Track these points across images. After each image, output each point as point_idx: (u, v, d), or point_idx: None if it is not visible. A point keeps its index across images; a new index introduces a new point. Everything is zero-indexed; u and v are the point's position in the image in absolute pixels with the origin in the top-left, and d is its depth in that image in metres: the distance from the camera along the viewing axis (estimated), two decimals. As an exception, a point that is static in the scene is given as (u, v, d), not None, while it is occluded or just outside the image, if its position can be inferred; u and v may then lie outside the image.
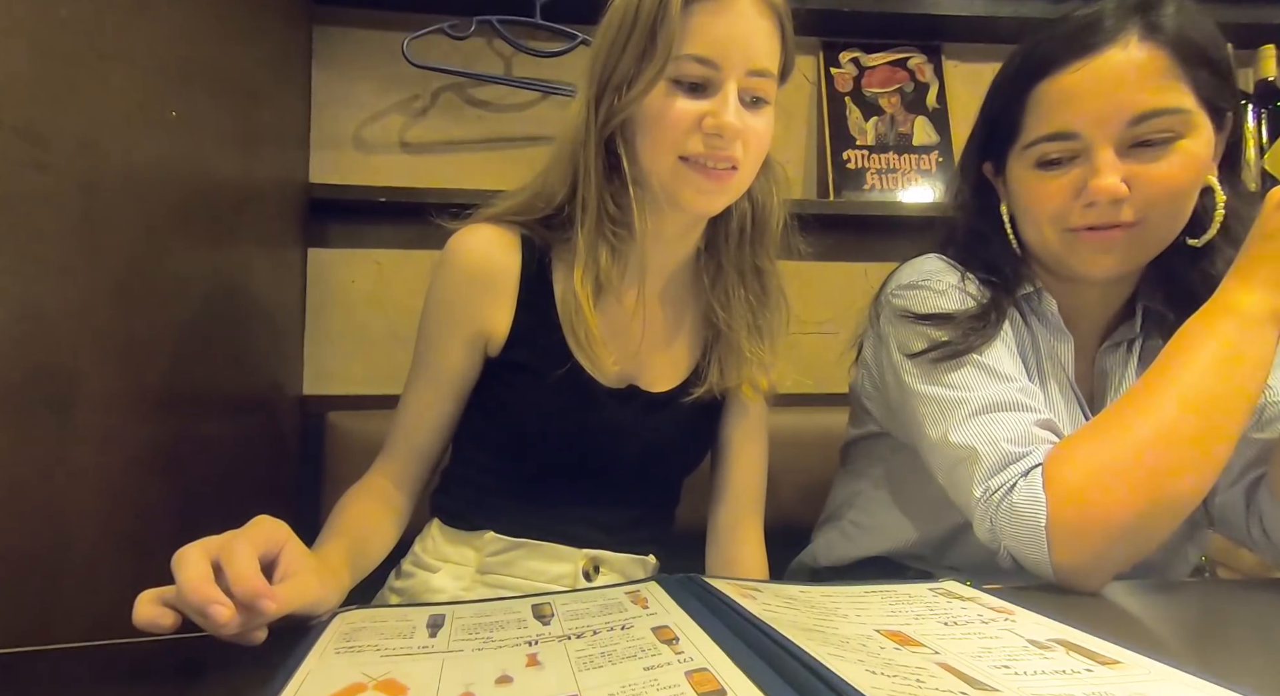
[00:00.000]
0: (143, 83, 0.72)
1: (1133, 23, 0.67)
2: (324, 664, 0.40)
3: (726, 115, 0.66)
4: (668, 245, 0.76)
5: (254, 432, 1.03)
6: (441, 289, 0.75)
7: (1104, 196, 0.67)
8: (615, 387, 0.76)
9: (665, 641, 0.41)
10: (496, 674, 0.39)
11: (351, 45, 1.28)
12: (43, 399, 0.59)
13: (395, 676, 0.38)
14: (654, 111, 0.67)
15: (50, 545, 0.60)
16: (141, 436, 0.72)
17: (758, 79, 0.67)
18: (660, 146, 0.68)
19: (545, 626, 0.46)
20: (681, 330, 0.81)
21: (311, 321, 1.26)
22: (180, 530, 0.78)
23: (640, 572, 0.81)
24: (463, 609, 0.50)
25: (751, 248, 0.78)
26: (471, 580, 0.76)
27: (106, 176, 0.67)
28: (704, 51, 0.65)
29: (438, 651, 0.42)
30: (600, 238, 0.71)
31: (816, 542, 0.95)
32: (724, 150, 0.67)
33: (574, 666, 0.39)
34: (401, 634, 0.45)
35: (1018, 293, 0.77)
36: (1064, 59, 0.69)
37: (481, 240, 0.74)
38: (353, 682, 0.38)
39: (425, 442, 0.78)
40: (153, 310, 0.75)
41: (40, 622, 0.43)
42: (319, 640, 0.44)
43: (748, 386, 0.79)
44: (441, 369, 0.76)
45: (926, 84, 1.42)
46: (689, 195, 0.69)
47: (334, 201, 1.23)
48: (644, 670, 0.37)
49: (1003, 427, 0.65)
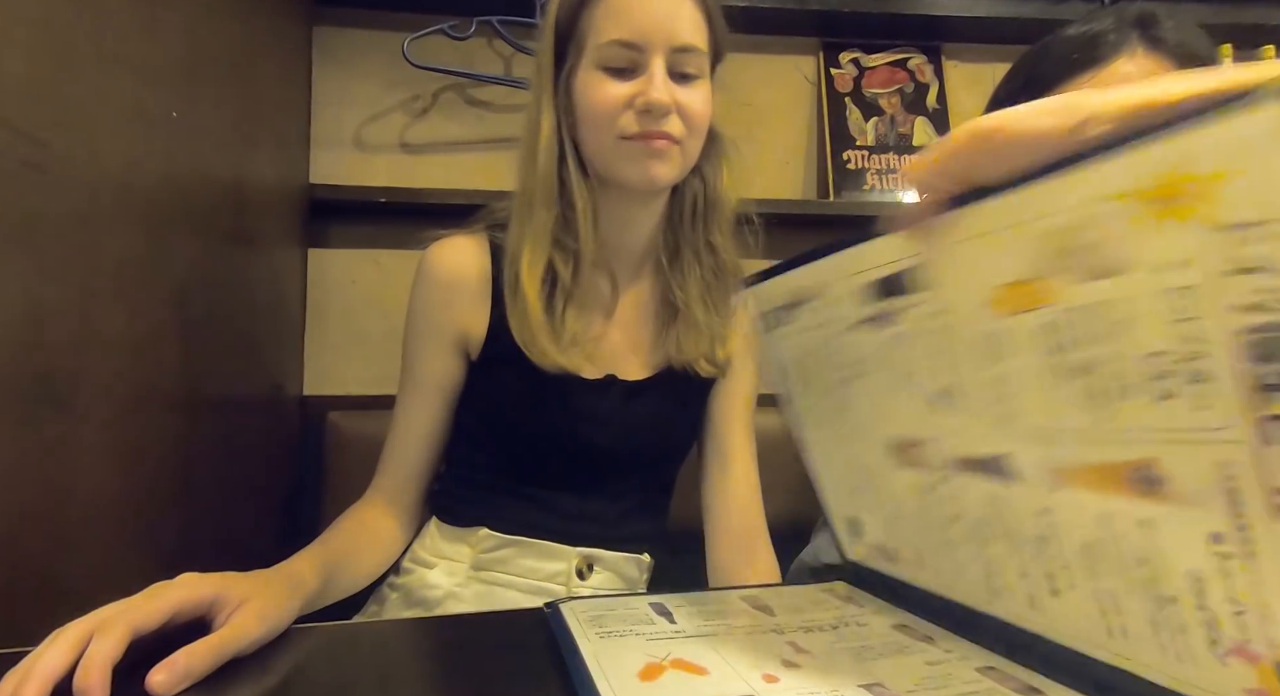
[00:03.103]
0: (143, 83, 0.72)
1: (1134, 37, 0.68)
2: (603, 647, 0.42)
3: (653, 92, 0.68)
4: (625, 229, 0.78)
5: (254, 432, 1.03)
6: (418, 300, 0.79)
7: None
8: (592, 378, 0.78)
9: (915, 638, 0.44)
10: (775, 657, 0.40)
11: (351, 45, 1.28)
12: (43, 399, 0.59)
13: (681, 657, 0.40)
14: (588, 99, 0.71)
15: (50, 545, 0.61)
16: (142, 436, 0.72)
17: (684, 55, 0.70)
18: (599, 130, 0.71)
19: (772, 617, 0.48)
20: (649, 315, 0.82)
21: (311, 321, 1.26)
22: (181, 530, 0.79)
23: (635, 571, 0.81)
24: (676, 597, 0.52)
25: (705, 225, 0.80)
26: (466, 576, 0.77)
27: (106, 176, 0.67)
28: (625, 35, 0.69)
29: (694, 634, 0.44)
30: (555, 228, 0.74)
31: (817, 542, 0.95)
32: (658, 126, 0.70)
33: (849, 655, 0.41)
34: (641, 620, 0.46)
35: None
36: (1072, 72, 0.70)
37: (450, 249, 0.79)
38: (649, 662, 0.39)
39: (418, 460, 0.79)
40: (153, 310, 0.75)
41: (40, 622, 0.43)
42: (572, 627, 0.45)
43: (704, 361, 0.79)
44: (427, 377, 0.79)
45: (926, 84, 1.42)
46: (632, 171, 0.71)
47: (334, 201, 1.23)
48: (926, 664, 0.39)
49: None
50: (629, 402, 0.79)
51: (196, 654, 0.41)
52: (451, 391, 0.80)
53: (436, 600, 0.76)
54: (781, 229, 1.39)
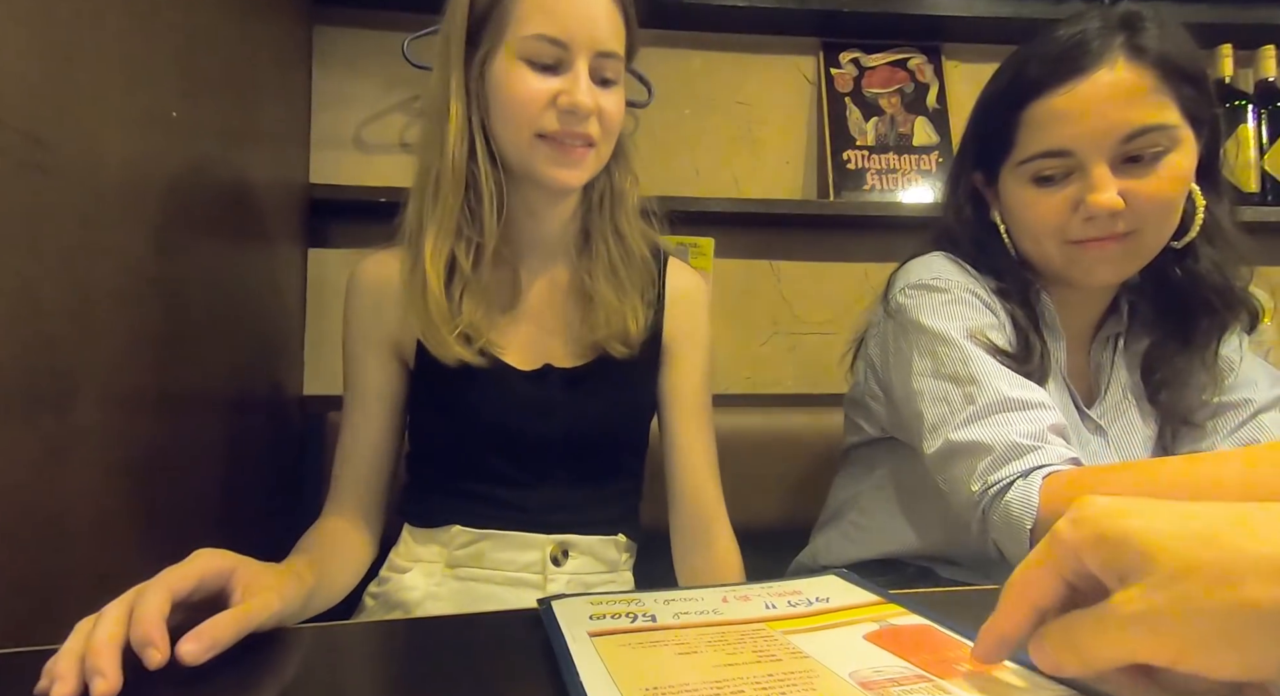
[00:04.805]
0: (143, 83, 0.72)
1: (1118, 44, 0.70)
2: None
3: (579, 94, 0.69)
4: (537, 221, 0.79)
5: (254, 432, 1.03)
6: (349, 315, 0.82)
7: (1103, 211, 0.70)
8: (528, 370, 0.78)
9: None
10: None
11: (351, 45, 1.28)
12: (43, 399, 0.59)
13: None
14: (509, 91, 0.70)
15: (50, 545, 0.61)
16: (142, 436, 0.73)
17: (606, 60, 0.71)
18: (516, 124, 0.71)
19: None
20: (565, 303, 0.82)
21: (311, 321, 1.26)
22: (181, 530, 0.79)
23: (612, 553, 0.82)
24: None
25: (612, 213, 0.81)
26: (442, 575, 0.77)
27: (107, 177, 0.67)
28: (554, 32, 0.69)
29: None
30: (461, 217, 0.74)
31: (816, 542, 0.95)
32: (579, 127, 0.70)
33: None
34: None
35: (1028, 299, 0.79)
36: (1054, 80, 0.72)
37: (374, 264, 0.81)
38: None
39: (370, 471, 0.80)
40: (153, 310, 0.75)
41: (40, 622, 0.43)
42: (563, 625, 0.44)
43: (617, 342, 0.79)
44: (369, 388, 0.81)
45: (926, 84, 1.42)
46: (548, 171, 0.72)
47: (334, 201, 1.23)
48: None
49: (1015, 424, 0.66)
50: (568, 391, 0.80)
51: (221, 624, 0.43)
52: (394, 400, 0.81)
53: (415, 602, 0.77)
54: (781, 229, 1.40)
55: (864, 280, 1.40)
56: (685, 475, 0.84)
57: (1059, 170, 0.73)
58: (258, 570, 0.49)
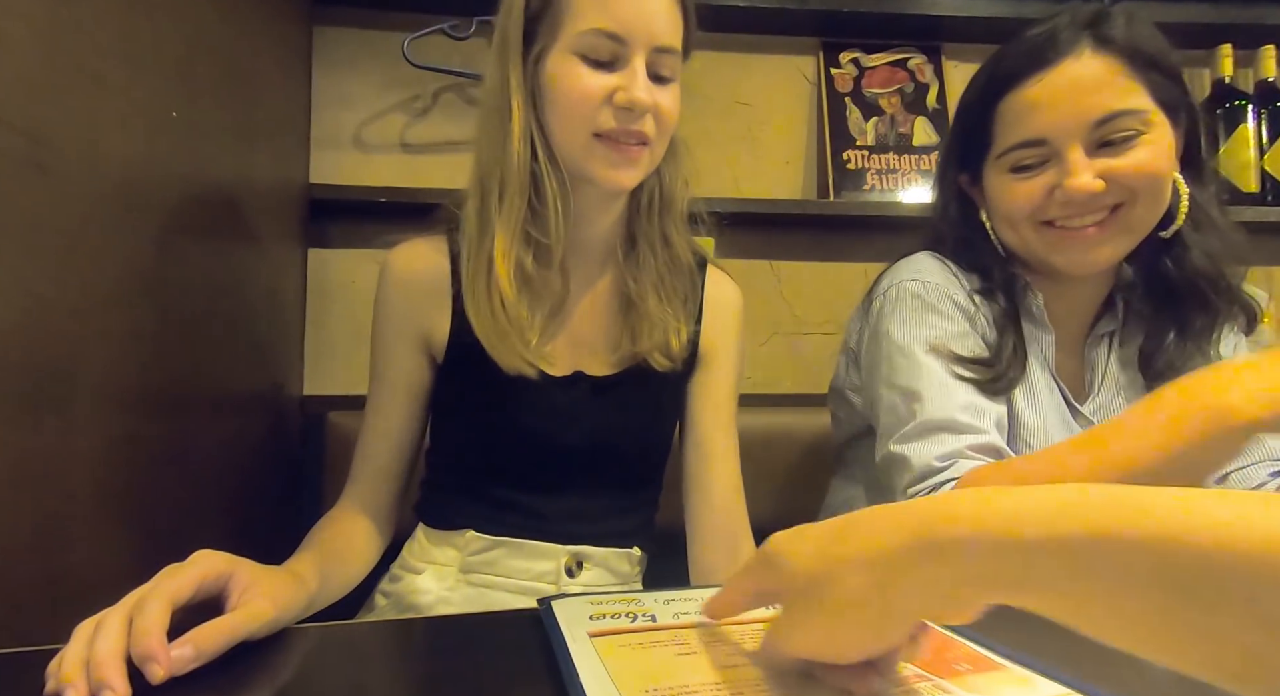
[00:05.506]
0: (143, 83, 0.72)
1: (1084, 36, 0.73)
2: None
3: (637, 90, 0.67)
4: (586, 224, 0.77)
5: (254, 432, 1.03)
6: (382, 303, 0.79)
7: (1081, 194, 0.72)
8: (559, 376, 0.77)
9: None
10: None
11: (351, 45, 1.28)
12: (43, 398, 0.59)
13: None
14: (564, 87, 0.68)
15: (50, 545, 0.61)
16: (142, 436, 0.73)
17: (663, 56, 0.69)
18: (573, 122, 0.69)
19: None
20: (606, 310, 0.81)
21: (311, 321, 1.26)
22: (181, 530, 0.79)
23: (625, 566, 0.81)
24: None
25: (660, 218, 0.79)
26: (455, 580, 0.77)
27: (107, 176, 0.67)
28: (611, 26, 0.67)
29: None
30: (522, 221, 0.72)
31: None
32: (634, 125, 0.68)
33: None
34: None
35: (1013, 295, 0.80)
36: (1025, 73, 0.74)
37: (411, 252, 0.79)
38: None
39: (391, 463, 0.79)
40: (153, 310, 0.75)
41: (40, 622, 0.43)
42: (563, 625, 0.45)
43: (658, 353, 0.78)
44: (397, 378, 0.79)
45: (926, 84, 1.42)
46: (603, 171, 0.70)
47: (334, 201, 1.23)
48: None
49: (945, 444, 0.69)
50: (598, 399, 0.78)
51: (208, 635, 0.42)
52: (420, 392, 0.79)
53: (427, 606, 0.76)
54: (782, 229, 1.39)
55: (864, 280, 1.38)
56: (715, 484, 0.82)
57: (1035, 159, 0.75)
58: (256, 574, 0.49)
